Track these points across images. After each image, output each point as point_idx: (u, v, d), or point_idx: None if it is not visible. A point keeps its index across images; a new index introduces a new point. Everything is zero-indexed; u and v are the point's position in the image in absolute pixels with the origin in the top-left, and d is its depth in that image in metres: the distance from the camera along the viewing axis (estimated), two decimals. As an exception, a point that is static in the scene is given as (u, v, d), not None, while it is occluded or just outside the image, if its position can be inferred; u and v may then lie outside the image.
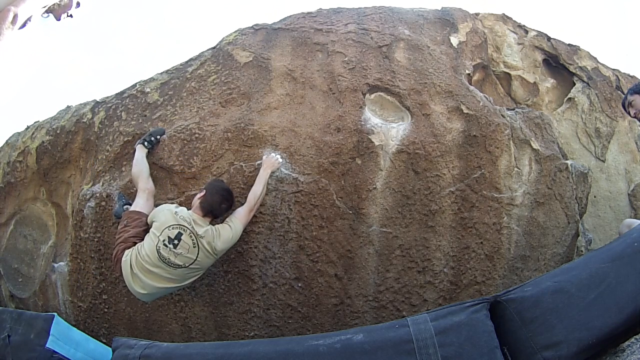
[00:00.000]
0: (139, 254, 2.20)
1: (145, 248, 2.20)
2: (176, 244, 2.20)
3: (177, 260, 2.19)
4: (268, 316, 2.56)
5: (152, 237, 2.22)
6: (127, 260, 2.21)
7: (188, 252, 2.21)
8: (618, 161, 3.23)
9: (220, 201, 2.30)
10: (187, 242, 2.21)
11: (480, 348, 1.54)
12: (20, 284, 3.17)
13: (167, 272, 2.20)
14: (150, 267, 2.17)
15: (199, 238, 2.22)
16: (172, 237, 2.20)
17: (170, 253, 2.18)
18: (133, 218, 2.34)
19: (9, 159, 3.22)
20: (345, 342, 1.62)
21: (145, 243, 2.23)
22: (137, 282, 2.21)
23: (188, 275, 2.26)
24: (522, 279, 2.67)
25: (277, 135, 2.51)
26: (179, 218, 2.24)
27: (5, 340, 2.27)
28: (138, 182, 2.46)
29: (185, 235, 2.21)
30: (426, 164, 2.54)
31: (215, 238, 2.24)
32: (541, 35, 3.28)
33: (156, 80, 2.90)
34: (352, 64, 2.68)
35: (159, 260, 2.17)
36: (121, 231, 2.32)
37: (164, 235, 2.20)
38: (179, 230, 2.21)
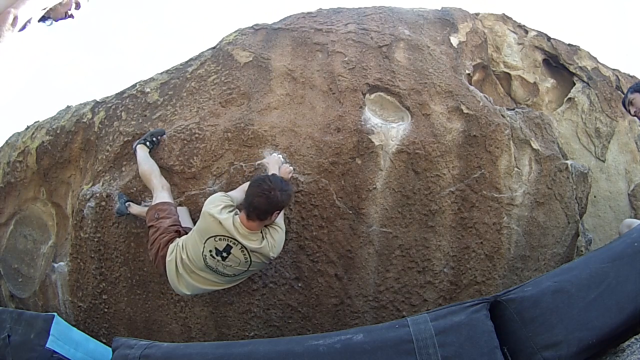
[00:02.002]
0: (183, 254, 2.08)
1: (190, 250, 2.07)
2: (225, 257, 2.03)
3: (226, 270, 2.07)
4: (268, 316, 2.56)
5: (197, 241, 2.05)
6: (172, 260, 2.11)
7: (239, 265, 2.05)
8: (618, 161, 3.24)
9: (259, 193, 1.98)
10: (237, 257, 2.03)
11: (480, 348, 1.54)
12: (20, 284, 3.17)
13: (215, 278, 2.10)
14: (197, 271, 2.08)
15: (252, 253, 2.03)
16: (220, 250, 2.02)
17: (218, 264, 2.05)
18: (163, 209, 2.24)
19: (9, 159, 3.22)
20: (345, 342, 1.61)
21: (189, 243, 2.09)
22: (182, 283, 2.12)
23: (237, 279, 2.17)
24: (522, 279, 2.67)
25: (277, 135, 2.51)
26: (226, 229, 1.99)
27: (5, 340, 2.27)
28: (151, 179, 2.37)
29: (235, 249, 2.02)
30: (426, 164, 2.54)
31: (272, 248, 2.05)
32: (541, 35, 3.28)
33: (156, 80, 2.90)
34: (352, 64, 2.68)
35: (205, 267, 2.06)
36: (155, 225, 2.20)
37: (209, 245, 2.02)
38: (227, 243, 2.02)
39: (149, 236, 2.26)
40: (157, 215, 2.24)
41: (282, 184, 2.05)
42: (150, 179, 2.39)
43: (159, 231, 2.19)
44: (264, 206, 1.98)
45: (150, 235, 2.23)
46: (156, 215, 2.24)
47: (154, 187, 2.37)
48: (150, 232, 2.24)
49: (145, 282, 2.64)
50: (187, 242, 2.12)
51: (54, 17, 1.85)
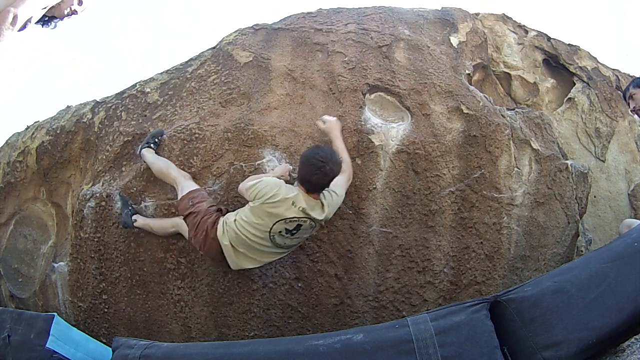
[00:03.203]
0: (240, 232, 2.13)
1: (250, 230, 2.13)
2: (294, 233, 2.17)
3: (292, 242, 2.21)
4: (268, 316, 2.56)
5: (261, 223, 2.12)
6: (228, 245, 2.16)
7: (304, 234, 2.23)
8: (618, 161, 3.23)
9: (316, 171, 2.10)
10: (305, 229, 2.19)
11: (480, 348, 1.54)
12: (20, 284, 3.17)
13: (280, 249, 2.22)
14: (260, 247, 2.16)
15: (317, 222, 2.20)
16: (291, 229, 2.16)
17: (286, 239, 2.18)
18: (194, 196, 2.28)
19: (9, 159, 3.22)
20: (345, 342, 1.62)
21: (246, 224, 2.13)
22: (244, 259, 2.19)
23: (290, 251, 2.32)
24: (522, 279, 2.67)
25: (277, 135, 2.51)
26: (298, 210, 2.12)
27: (5, 340, 2.27)
28: (170, 173, 2.40)
29: (305, 225, 2.17)
30: (426, 164, 2.54)
31: (330, 213, 2.22)
32: (541, 35, 3.28)
33: (156, 80, 2.90)
34: (352, 64, 2.68)
35: (272, 244, 2.17)
36: (194, 210, 2.23)
37: (279, 227, 2.13)
38: (298, 223, 2.15)
39: (189, 225, 2.26)
40: (191, 202, 2.25)
41: (332, 155, 2.17)
42: (169, 173, 2.41)
43: (200, 214, 2.21)
44: (322, 181, 2.16)
45: (191, 223, 2.24)
46: (190, 202, 2.25)
47: (176, 179, 2.38)
48: (189, 220, 2.25)
49: (145, 282, 2.64)
50: (242, 221, 2.15)
51: (57, 15, 1.83)
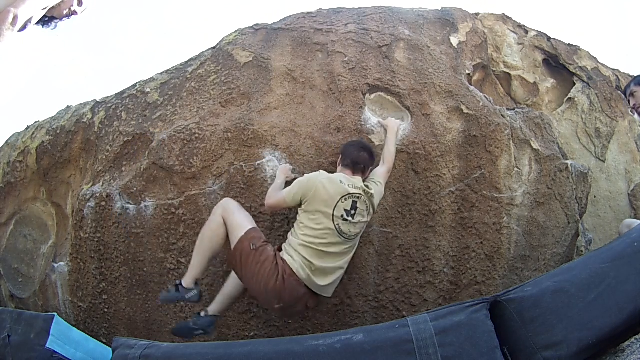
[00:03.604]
0: (309, 244, 2.04)
1: (316, 231, 2.06)
2: (354, 214, 2.12)
3: (356, 229, 2.14)
4: (268, 316, 2.56)
5: (322, 212, 2.07)
6: (301, 269, 2.03)
7: (363, 217, 2.16)
8: (618, 161, 3.23)
9: (358, 149, 2.26)
10: (362, 209, 2.15)
11: (480, 348, 1.53)
12: (20, 284, 3.17)
13: (343, 246, 2.12)
14: (332, 248, 2.08)
15: (371, 198, 2.17)
16: (349, 209, 2.11)
17: (350, 226, 2.11)
18: (255, 236, 2.10)
19: (9, 159, 3.22)
20: (345, 342, 1.61)
21: (307, 225, 2.08)
22: (322, 275, 2.07)
23: (355, 243, 2.21)
24: (522, 279, 2.67)
25: (277, 135, 2.51)
26: (349, 186, 2.13)
27: (5, 340, 2.27)
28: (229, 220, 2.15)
29: (360, 202, 2.14)
30: (426, 164, 2.54)
31: (377, 200, 2.21)
32: (541, 35, 3.28)
33: (156, 80, 2.90)
34: (352, 64, 2.68)
35: (339, 236, 2.09)
36: (260, 259, 2.02)
37: (339, 211, 2.09)
38: (353, 200, 2.13)
39: (253, 270, 2.03)
40: (253, 245, 2.05)
41: (370, 146, 2.37)
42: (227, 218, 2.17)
43: (268, 261, 2.03)
44: (367, 159, 2.26)
45: (255, 269, 2.03)
46: (253, 246, 2.05)
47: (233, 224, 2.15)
48: (252, 265, 2.03)
49: (145, 282, 2.64)
50: (303, 231, 2.09)
51: (57, 16, 1.83)
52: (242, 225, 2.12)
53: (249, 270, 2.06)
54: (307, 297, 2.12)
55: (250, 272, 2.06)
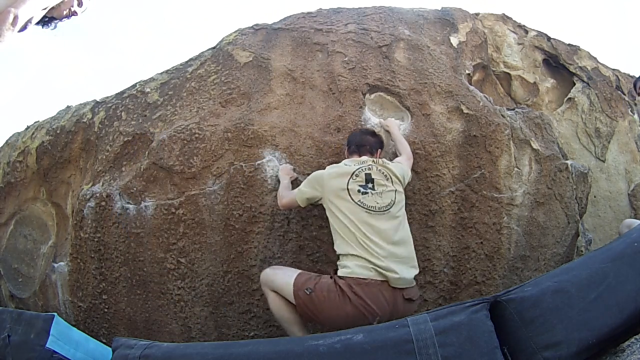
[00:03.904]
0: (352, 243, 1.89)
1: (349, 217, 1.94)
2: (373, 185, 2.01)
3: (384, 199, 2.00)
4: (268, 316, 2.56)
5: (340, 200, 1.98)
6: (360, 269, 1.86)
7: (387, 186, 2.04)
8: (618, 161, 3.23)
9: (360, 133, 2.26)
10: (379, 177, 2.05)
11: (480, 348, 1.53)
12: (20, 284, 3.17)
13: (388, 219, 1.97)
14: (368, 233, 1.90)
15: (385, 165, 2.11)
16: (364, 183, 2.01)
17: (374, 198, 1.98)
18: (306, 279, 1.95)
19: (9, 159, 3.22)
20: (345, 342, 1.61)
21: (337, 217, 1.97)
22: (393, 261, 1.88)
23: (400, 210, 2.05)
24: (522, 279, 2.67)
25: (277, 135, 2.51)
26: (354, 165, 2.08)
27: (5, 340, 2.27)
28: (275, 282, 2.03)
29: (374, 172, 2.06)
30: (426, 164, 2.54)
31: (400, 169, 2.16)
32: (541, 35, 3.28)
33: (156, 80, 2.90)
34: (352, 64, 2.68)
35: (371, 216, 1.94)
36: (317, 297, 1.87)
37: (353, 187, 1.99)
38: (365, 173, 2.05)
39: (326, 309, 1.86)
40: (308, 290, 1.90)
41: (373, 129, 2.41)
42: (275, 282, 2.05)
43: (330, 290, 1.87)
44: (371, 140, 2.25)
45: (327, 307, 1.86)
46: (308, 291, 1.90)
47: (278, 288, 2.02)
48: (321, 306, 1.87)
49: (145, 282, 2.64)
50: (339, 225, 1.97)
51: (57, 16, 1.83)
52: (287, 282, 1.97)
53: (324, 314, 1.87)
54: (393, 293, 1.89)
55: (326, 314, 1.87)
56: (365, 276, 1.87)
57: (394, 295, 1.90)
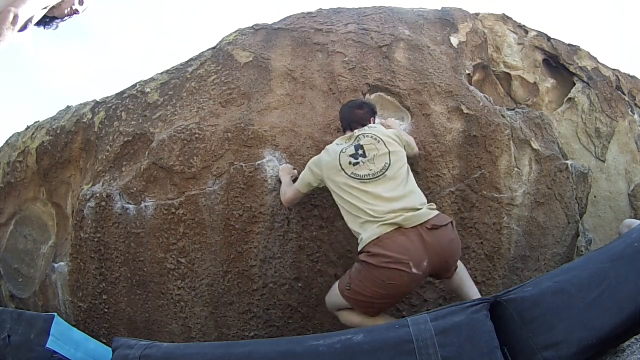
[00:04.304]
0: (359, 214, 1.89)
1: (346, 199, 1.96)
2: (363, 153, 2.02)
3: (377, 163, 1.99)
4: (268, 316, 2.56)
5: (337, 175, 2.01)
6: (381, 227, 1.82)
7: (377, 149, 2.03)
8: (618, 161, 3.23)
9: (348, 108, 2.28)
10: (369, 143, 2.05)
11: (480, 348, 1.53)
12: (20, 284, 3.17)
13: (385, 182, 1.94)
14: (372, 200, 1.89)
15: (372, 129, 2.11)
16: (355, 152, 2.03)
17: (366, 166, 1.99)
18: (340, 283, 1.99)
19: (9, 159, 3.22)
20: (345, 342, 1.61)
21: (342, 200, 2.00)
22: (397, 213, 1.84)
23: (399, 170, 2.02)
24: (522, 279, 2.67)
25: (277, 135, 2.51)
26: (344, 141, 2.11)
27: (5, 340, 2.27)
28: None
29: (364, 140, 2.06)
30: (426, 164, 2.54)
31: (393, 133, 2.14)
32: (541, 35, 3.28)
33: (156, 80, 2.90)
34: (352, 64, 2.68)
35: (367, 184, 1.95)
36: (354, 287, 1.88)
37: (344, 161, 2.02)
38: (353, 144, 2.07)
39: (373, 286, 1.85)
40: (347, 285, 1.93)
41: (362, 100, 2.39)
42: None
43: (365, 270, 1.87)
44: (361, 114, 2.25)
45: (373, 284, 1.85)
46: (347, 286, 1.92)
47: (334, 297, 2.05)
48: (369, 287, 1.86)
49: (145, 282, 2.64)
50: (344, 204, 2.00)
51: (58, 15, 1.82)
52: (336, 294, 2.01)
53: (372, 293, 1.84)
54: (412, 232, 1.83)
55: (373, 292, 1.85)
56: (377, 235, 1.84)
57: (415, 233, 1.82)
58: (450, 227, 1.93)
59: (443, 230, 1.87)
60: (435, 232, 1.84)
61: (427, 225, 1.85)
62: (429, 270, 1.85)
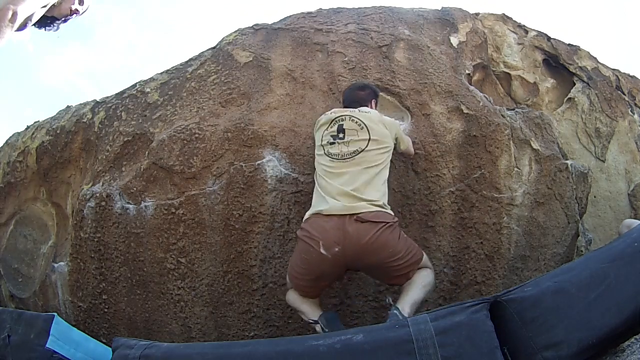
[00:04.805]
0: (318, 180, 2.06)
1: (320, 168, 2.08)
2: (342, 136, 2.07)
3: (351, 147, 2.05)
4: (268, 316, 2.56)
5: (318, 152, 2.15)
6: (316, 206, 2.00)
7: (358, 135, 2.07)
8: (618, 161, 3.23)
9: (350, 90, 2.36)
10: (350, 128, 2.09)
11: (480, 348, 1.53)
12: (20, 284, 3.17)
13: (350, 166, 2.01)
14: (329, 178, 2.01)
15: (362, 114, 2.13)
16: (335, 134, 2.09)
17: (340, 147, 2.06)
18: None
19: (9, 159, 3.22)
20: (345, 342, 1.61)
21: (316, 170, 2.14)
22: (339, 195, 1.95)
23: (372, 158, 2.05)
24: (522, 279, 2.67)
25: (277, 135, 2.51)
26: (332, 114, 2.19)
27: (5, 340, 2.27)
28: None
29: (347, 122, 2.10)
30: (426, 164, 2.54)
31: (383, 119, 2.17)
32: (541, 35, 3.28)
33: (156, 80, 2.90)
34: (352, 64, 2.68)
35: (333, 161, 2.04)
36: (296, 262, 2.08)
37: (325, 138, 2.11)
38: (337, 124, 2.12)
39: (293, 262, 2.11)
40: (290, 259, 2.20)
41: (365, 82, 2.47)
42: None
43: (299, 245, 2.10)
44: (361, 94, 2.32)
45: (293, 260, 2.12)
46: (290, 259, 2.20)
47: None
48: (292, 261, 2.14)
49: (145, 282, 2.64)
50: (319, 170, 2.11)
51: (58, 15, 1.81)
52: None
53: (299, 265, 2.04)
54: (339, 219, 1.92)
55: (298, 263, 2.05)
56: (312, 213, 2.02)
57: (339, 220, 1.92)
58: (379, 227, 1.92)
59: (367, 226, 1.90)
60: (357, 225, 1.89)
61: (354, 217, 1.92)
62: (342, 259, 1.92)
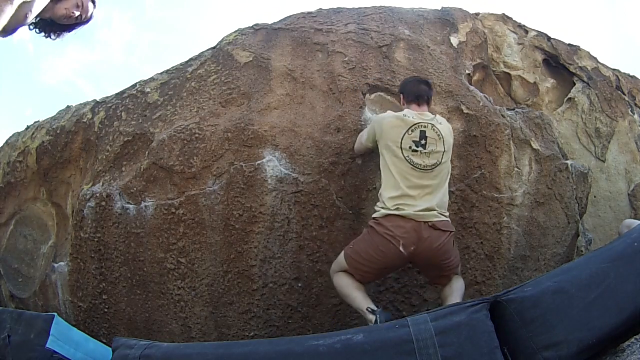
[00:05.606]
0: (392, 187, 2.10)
1: (395, 165, 2.12)
2: (424, 144, 2.12)
3: (431, 158, 2.13)
4: (268, 316, 2.56)
5: (393, 146, 2.13)
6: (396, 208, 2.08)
7: (436, 145, 2.15)
8: (618, 161, 3.23)
9: (416, 82, 2.35)
10: (432, 137, 2.14)
11: (480, 348, 1.53)
12: (20, 284, 3.17)
13: (430, 178, 2.12)
14: (406, 183, 2.08)
15: (440, 125, 2.19)
16: (417, 140, 2.12)
17: (422, 157, 2.12)
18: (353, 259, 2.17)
19: (9, 159, 3.22)
20: (345, 342, 1.61)
21: (386, 164, 2.15)
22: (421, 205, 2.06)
23: (443, 171, 2.18)
24: (522, 279, 2.67)
25: (277, 135, 2.51)
26: (412, 118, 2.17)
27: (5, 340, 2.27)
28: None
29: (429, 130, 2.15)
30: (426, 164, 2.54)
31: (447, 133, 2.21)
32: (541, 35, 3.28)
33: (156, 80, 2.90)
34: (352, 64, 2.67)
35: (415, 171, 2.11)
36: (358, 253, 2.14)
37: (406, 143, 2.12)
38: (420, 130, 2.14)
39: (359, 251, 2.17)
40: (350, 245, 2.22)
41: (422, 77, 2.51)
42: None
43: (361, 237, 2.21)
44: (427, 90, 2.33)
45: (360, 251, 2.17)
46: (351, 245, 2.22)
47: None
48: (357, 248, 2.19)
49: (145, 282, 2.64)
50: (386, 171, 2.17)
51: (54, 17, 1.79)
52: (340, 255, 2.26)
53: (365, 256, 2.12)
54: (416, 223, 2.07)
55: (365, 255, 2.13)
56: (391, 213, 2.09)
57: (418, 224, 2.07)
58: (447, 235, 2.14)
59: (439, 233, 2.12)
60: (431, 231, 2.10)
61: (429, 223, 2.10)
62: (414, 257, 2.12)
